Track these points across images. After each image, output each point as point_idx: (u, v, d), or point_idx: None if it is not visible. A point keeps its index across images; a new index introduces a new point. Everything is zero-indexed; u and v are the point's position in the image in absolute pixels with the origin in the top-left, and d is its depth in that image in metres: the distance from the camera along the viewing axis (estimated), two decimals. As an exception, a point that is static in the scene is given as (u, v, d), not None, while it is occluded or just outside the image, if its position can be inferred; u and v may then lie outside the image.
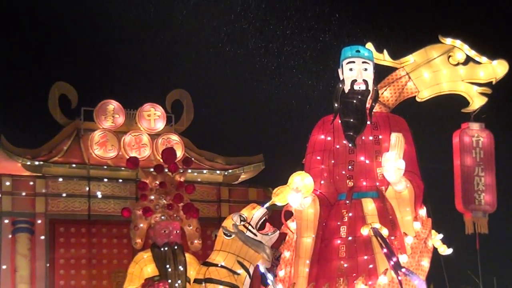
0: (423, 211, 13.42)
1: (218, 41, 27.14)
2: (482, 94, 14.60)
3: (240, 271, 13.46)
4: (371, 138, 13.38)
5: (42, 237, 22.27)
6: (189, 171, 18.65)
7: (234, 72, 28.53)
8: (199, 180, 24.03)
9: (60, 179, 22.85)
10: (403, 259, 12.47)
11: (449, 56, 14.56)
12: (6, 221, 22.04)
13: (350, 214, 13.13)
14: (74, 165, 23.25)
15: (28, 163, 22.68)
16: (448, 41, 14.57)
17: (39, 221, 22.33)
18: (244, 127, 31.31)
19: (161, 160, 16.99)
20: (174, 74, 29.47)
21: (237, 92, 30.16)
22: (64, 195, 22.76)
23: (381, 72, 14.23)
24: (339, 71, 13.62)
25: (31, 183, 22.51)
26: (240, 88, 29.84)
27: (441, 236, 13.58)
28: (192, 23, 26.65)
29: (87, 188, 23.00)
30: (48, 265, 22.19)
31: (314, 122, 14.30)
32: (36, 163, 22.77)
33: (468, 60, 14.58)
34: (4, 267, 21.76)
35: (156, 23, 27.53)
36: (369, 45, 14.15)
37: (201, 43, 27.97)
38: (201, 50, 28.25)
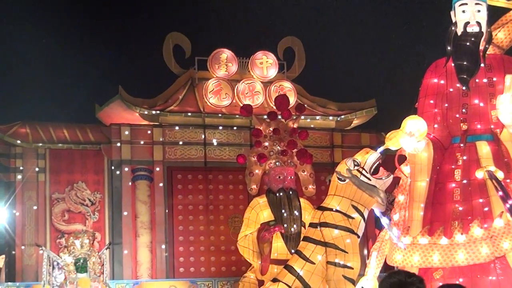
0: (539, 153, 13.19)
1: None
2: None
3: (355, 215, 13.54)
4: (485, 80, 13.17)
5: (161, 184, 22.90)
6: (302, 117, 18.74)
7: (345, 17, 28.38)
8: (312, 126, 24.15)
9: (177, 128, 23.36)
10: (519, 201, 12.33)
11: None
12: (126, 169, 22.73)
13: (465, 158, 13.02)
14: (189, 114, 23.68)
15: (146, 112, 23.18)
16: None
17: (158, 169, 22.95)
18: (356, 72, 31.19)
19: (274, 107, 17.16)
20: (285, 22, 29.51)
21: (348, 37, 30.02)
22: (180, 143, 23.27)
23: (495, 13, 13.93)
24: (452, 13, 13.40)
25: (149, 132, 23.09)
26: (351, 32, 29.70)
27: (558, 177, 13.32)
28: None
29: (203, 136, 23.44)
30: (167, 211, 22.83)
31: (427, 65, 14.18)
32: (153, 112, 23.26)
33: None
34: (125, 213, 22.51)
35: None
36: (482, -14, 13.84)
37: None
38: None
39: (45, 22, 29.16)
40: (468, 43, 13.08)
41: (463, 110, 13.21)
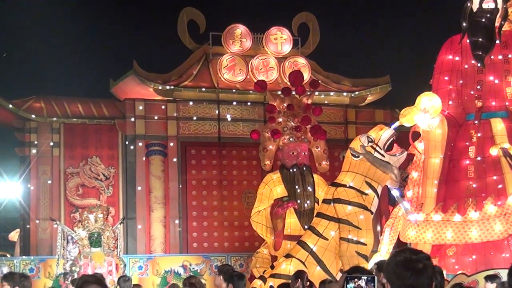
0: (554, 131, 13.16)
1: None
2: None
3: (368, 191, 13.56)
4: (500, 57, 13.14)
5: (175, 159, 22.93)
6: (316, 93, 18.71)
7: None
8: (326, 102, 24.09)
9: (191, 103, 23.35)
10: (533, 179, 12.33)
11: None
12: (140, 144, 22.75)
13: (479, 134, 13.02)
14: (203, 89, 23.65)
15: (160, 87, 23.16)
16: None
17: (171, 144, 22.96)
18: (370, 48, 31.08)
19: (289, 83, 17.15)
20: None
21: (362, 13, 29.89)
22: (194, 118, 23.26)
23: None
24: (468, -11, 13.33)
25: (163, 107, 23.08)
26: (365, 9, 29.57)
27: None
28: None
29: (217, 112, 23.42)
30: (180, 186, 22.87)
31: (442, 42, 14.13)
32: (167, 87, 23.24)
33: None
34: (139, 188, 22.56)
35: None
36: (498, -39, 13.72)
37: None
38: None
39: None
40: (483, 20, 13.04)
41: (478, 87, 13.20)
